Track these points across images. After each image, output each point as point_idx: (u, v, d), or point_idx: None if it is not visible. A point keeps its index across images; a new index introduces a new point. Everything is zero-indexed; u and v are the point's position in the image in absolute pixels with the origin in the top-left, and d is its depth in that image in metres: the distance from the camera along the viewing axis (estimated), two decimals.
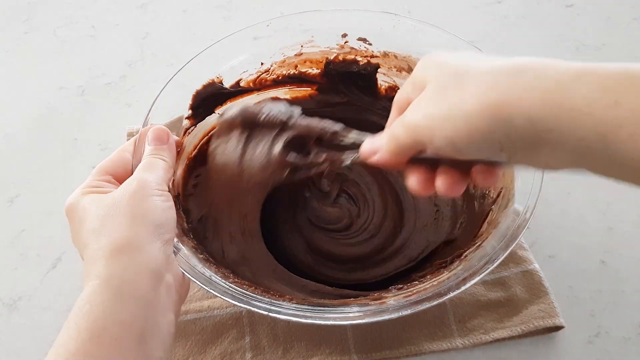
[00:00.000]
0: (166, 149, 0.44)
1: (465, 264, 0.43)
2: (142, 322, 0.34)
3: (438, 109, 0.31)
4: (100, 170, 0.42)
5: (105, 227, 0.36)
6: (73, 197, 0.40)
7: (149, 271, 0.35)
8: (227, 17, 0.84)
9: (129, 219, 0.36)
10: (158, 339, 0.34)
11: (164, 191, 0.40)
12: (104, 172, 0.42)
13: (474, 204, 0.55)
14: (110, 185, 0.41)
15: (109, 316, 0.33)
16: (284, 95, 0.63)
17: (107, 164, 0.43)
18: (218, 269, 0.46)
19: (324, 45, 0.60)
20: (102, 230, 0.36)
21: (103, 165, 0.43)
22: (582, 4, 0.82)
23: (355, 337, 0.50)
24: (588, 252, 0.56)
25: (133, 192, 0.38)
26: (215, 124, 0.55)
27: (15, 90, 0.75)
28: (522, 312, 0.51)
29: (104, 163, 0.43)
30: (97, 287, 0.33)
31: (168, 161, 0.43)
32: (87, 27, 0.83)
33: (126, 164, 0.44)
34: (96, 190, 0.40)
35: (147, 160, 0.42)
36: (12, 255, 0.59)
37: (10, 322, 0.54)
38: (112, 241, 0.35)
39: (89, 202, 0.38)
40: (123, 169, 0.43)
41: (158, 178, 0.41)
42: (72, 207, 0.39)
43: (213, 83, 0.57)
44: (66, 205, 0.40)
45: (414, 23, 0.56)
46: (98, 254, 0.35)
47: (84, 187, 0.41)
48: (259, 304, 0.41)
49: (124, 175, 0.42)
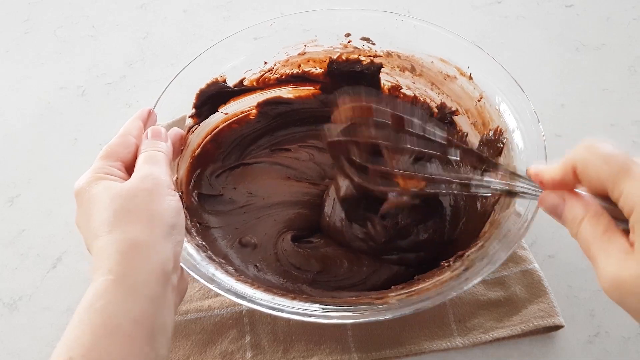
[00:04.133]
0: (164, 144, 0.44)
1: (468, 264, 0.43)
2: (153, 321, 0.34)
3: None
4: (109, 154, 0.42)
5: (120, 221, 0.36)
6: (84, 180, 0.39)
7: (161, 271, 0.35)
8: (227, 17, 0.84)
9: (147, 218, 0.36)
10: (164, 337, 0.35)
11: (175, 191, 0.40)
12: (114, 157, 0.42)
13: (476, 204, 0.55)
14: (120, 172, 0.41)
15: (124, 313, 0.33)
16: (287, 94, 0.64)
17: (115, 148, 0.43)
18: (221, 267, 0.46)
19: (327, 45, 0.60)
20: (117, 224, 0.36)
21: (111, 150, 0.42)
22: (582, 4, 0.82)
23: (355, 336, 0.51)
24: None
25: (149, 190, 0.38)
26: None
27: (15, 90, 0.75)
28: (521, 312, 0.51)
29: (112, 148, 0.43)
30: (111, 283, 0.33)
31: (167, 154, 0.43)
32: (87, 27, 0.84)
33: (132, 148, 0.43)
34: (108, 178, 0.39)
35: (149, 153, 0.42)
36: (12, 255, 0.59)
37: (10, 322, 0.54)
38: (128, 237, 0.35)
39: (102, 189, 0.38)
40: (130, 153, 0.43)
41: (167, 175, 0.41)
42: (83, 192, 0.39)
43: (217, 82, 0.57)
44: (76, 188, 0.39)
45: (418, 23, 0.57)
46: (112, 249, 0.35)
47: (95, 171, 0.40)
48: (262, 302, 0.41)
49: (132, 160, 0.42)
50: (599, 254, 0.31)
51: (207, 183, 0.59)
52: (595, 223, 0.32)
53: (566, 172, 0.33)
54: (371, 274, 0.53)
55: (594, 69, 0.73)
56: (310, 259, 0.53)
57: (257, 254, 0.54)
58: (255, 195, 0.59)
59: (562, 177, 0.34)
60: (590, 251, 0.32)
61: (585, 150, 0.32)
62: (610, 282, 0.30)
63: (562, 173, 0.34)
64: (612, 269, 0.30)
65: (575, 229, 0.33)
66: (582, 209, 0.33)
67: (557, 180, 0.34)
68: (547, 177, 0.35)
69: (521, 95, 0.51)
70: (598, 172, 0.31)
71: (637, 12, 0.80)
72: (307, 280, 0.52)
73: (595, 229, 0.32)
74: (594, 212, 0.32)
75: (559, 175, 0.34)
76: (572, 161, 0.33)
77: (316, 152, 0.63)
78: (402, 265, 0.53)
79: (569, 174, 0.33)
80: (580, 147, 0.33)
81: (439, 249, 0.54)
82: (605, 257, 0.30)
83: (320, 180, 0.60)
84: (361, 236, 0.54)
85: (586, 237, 0.32)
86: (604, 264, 0.30)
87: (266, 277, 0.52)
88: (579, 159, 0.32)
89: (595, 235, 0.32)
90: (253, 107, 0.63)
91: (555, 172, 0.34)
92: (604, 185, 0.31)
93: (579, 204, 0.33)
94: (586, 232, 0.32)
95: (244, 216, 0.57)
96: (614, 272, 0.30)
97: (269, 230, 0.56)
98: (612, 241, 0.31)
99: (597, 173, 0.31)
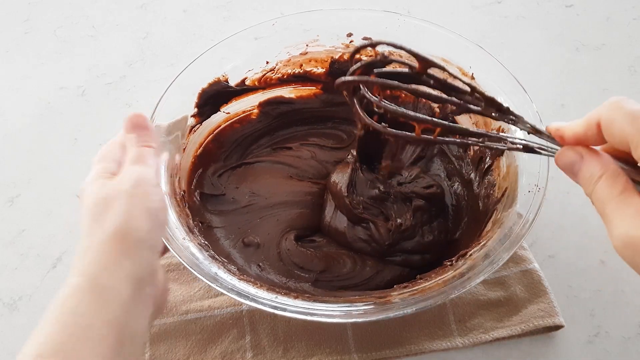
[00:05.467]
0: (149, 133, 0.42)
1: (470, 263, 0.43)
2: (123, 326, 0.33)
3: None
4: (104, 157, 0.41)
5: (97, 223, 0.36)
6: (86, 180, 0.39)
7: (133, 277, 0.35)
8: (227, 17, 0.84)
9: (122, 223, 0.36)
10: (133, 347, 0.34)
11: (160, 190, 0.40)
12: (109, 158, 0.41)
13: (478, 204, 0.55)
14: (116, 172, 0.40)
15: (95, 314, 0.32)
16: (288, 94, 0.64)
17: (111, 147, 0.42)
18: (224, 267, 0.46)
19: (329, 45, 0.60)
20: (94, 226, 0.36)
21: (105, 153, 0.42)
22: (582, 4, 0.82)
23: (355, 336, 0.51)
24: (588, 252, 0.57)
25: (130, 193, 0.37)
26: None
27: (15, 90, 0.75)
28: (521, 312, 0.51)
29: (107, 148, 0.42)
30: (83, 283, 0.33)
31: (155, 146, 0.42)
32: (87, 27, 0.83)
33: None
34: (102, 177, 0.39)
35: (135, 152, 0.41)
36: (12, 255, 0.59)
37: (10, 322, 0.54)
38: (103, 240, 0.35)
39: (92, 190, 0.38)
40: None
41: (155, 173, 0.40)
42: (81, 191, 0.39)
43: (219, 81, 0.57)
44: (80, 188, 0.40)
45: (419, 23, 0.57)
46: (88, 250, 0.35)
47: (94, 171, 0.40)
48: (265, 301, 0.41)
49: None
50: (614, 214, 0.31)
51: (209, 182, 0.60)
52: (612, 183, 0.32)
53: (589, 127, 0.33)
54: (375, 274, 0.53)
55: (594, 69, 0.73)
56: (313, 259, 0.54)
57: (260, 254, 0.54)
58: (258, 195, 0.59)
59: (585, 133, 0.33)
60: (604, 210, 0.31)
61: (611, 108, 0.32)
62: (623, 241, 0.30)
63: (585, 128, 0.33)
64: (626, 227, 0.30)
65: (591, 187, 0.33)
66: (599, 167, 0.32)
67: (579, 135, 0.34)
68: (568, 132, 0.34)
69: (523, 95, 0.51)
70: (623, 129, 0.31)
71: (637, 12, 0.80)
72: (310, 280, 0.52)
73: (612, 189, 0.31)
74: (612, 171, 0.32)
75: (582, 130, 0.33)
76: (596, 117, 0.32)
77: (318, 150, 0.63)
78: (407, 267, 0.54)
79: (592, 130, 0.33)
80: (606, 104, 0.32)
81: (441, 250, 0.54)
82: (620, 217, 0.30)
83: (322, 178, 0.61)
84: (364, 238, 0.54)
85: (602, 196, 0.32)
86: (618, 223, 0.30)
87: (268, 277, 0.53)
88: (604, 115, 0.32)
89: (611, 195, 0.31)
90: (255, 107, 0.63)
91: (579, 127, 0.34)
92: (627, 143, 0.31)
93: (597, 161, 0.33)
94: (602, 191, 0.32)
95: (246, 216, 0.57)
96: (627, 231, 0.30)
97: (272, 230, 0.56)
98: (629, 202, 0.31)
99: (621, 130, 0.31)
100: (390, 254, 0.54)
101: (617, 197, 0.31)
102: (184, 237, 0.46)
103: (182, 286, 0.54)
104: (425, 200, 0.55)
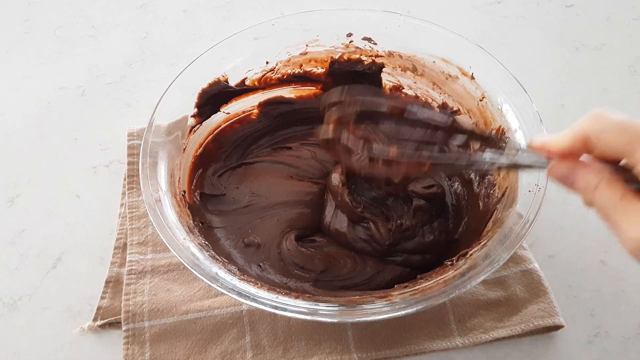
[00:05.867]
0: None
1: (470, 263, 0.43)
2: None
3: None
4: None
5: None
6: None
7: None
8: (227, 17, 0.84)
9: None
10: None
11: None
12: None
13: (479, 203, 0.55)
14: None
15: None
16: (288, 94, 0.64)
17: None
18: (224, 267, 0.46)
19: (329, 45, 0.60)
20: None
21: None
22: (582, 4, 0.82)
23: (355, 336, 0.51)
24: (588, 252, 0.57)
25: None
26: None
27: (15, 90, 0.75)
28: (521, 312, 0.51)
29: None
30: None
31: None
32: (87, 27, 0.83)
33: None
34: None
35: None
36: (12, 255, 0.59)
37: (10, 322, 0.54)
38: None
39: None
40: None
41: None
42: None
43: (219, 81, 0.57)
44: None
45: (419, 22, 0.57)
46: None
47: None
48: (265, 301, 0.41)
49: None
50: (621, 218, 0.31)
51: (210, 183, 0.60)
52: (611, 189, 0.32)
53: (575, 142, 0.34)
54: (375, 274, 0.53)
55: (594, 69, 0.73)
56: (314, 259, 0.53)
57: (260, 254, 0.54)
58: (258, 195, 0.59)
59: (571, 147, 0.34)
60: (610, 217, 0.32)
61: (597, 120, 0.32)
62: (636, 243, 0.31)
63: (571, 143, 0.34)
64: (637, 231, 0.31)
65: (590, 195, 0.33)
66: (594, 176, 0.33)
67: (566, 149, 0.35)
68: (554, 148, 0.35)
69: (523, 95, 0.51)
70: (613, 140, 0.32)
71: (637, 12, 0.80)
72: (311, 280, 0.52)
73: (613, 195, 0.32)
74: (608, 178, 0.33)
75: (568, 145, 0.34)
76: (582, 132, 0.33)
77: (318, 150, 0.63)
78: (407, 267, 0.54)
79: (578, 144, 0.34)
80: (589, 118, 0.33)
81: (442, 249, 0.54)
82: (627, 221, 0.31)
83: (322, 178, 0.61)
84: (364, 238, 0.54)
85: (604, 204, 0.33)
86: (627, 227, 0.31)
87: (269, 277, 0.53)
88: (592, 129, 0.33)
89: (613, 201, 0.32)
90: (255, 107, 0.63)
91: (565, 142, 0.34)
92: (618, 154, 0.32)
93: (591, 171, 0.34)
94: (604, 198, 0.33)
95: (247, 216, 0.57)
96: (638, 233, 0.30)
97: (272, 230, 0.56)
98: (631, 205, 0.31)
99: (612, 141, 0.32)
100: (390, 253, 0.54)
101: (619, 202, 0.32)
102: (184, 237, 0.46)
103: (182, 286, 0.54)
104: (426, 200, 0.55)
